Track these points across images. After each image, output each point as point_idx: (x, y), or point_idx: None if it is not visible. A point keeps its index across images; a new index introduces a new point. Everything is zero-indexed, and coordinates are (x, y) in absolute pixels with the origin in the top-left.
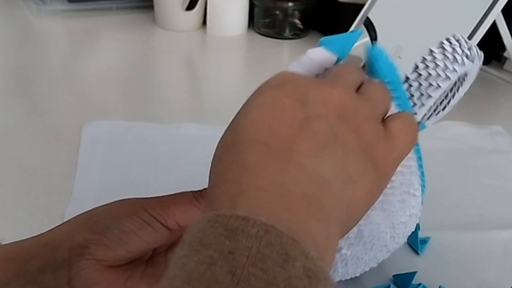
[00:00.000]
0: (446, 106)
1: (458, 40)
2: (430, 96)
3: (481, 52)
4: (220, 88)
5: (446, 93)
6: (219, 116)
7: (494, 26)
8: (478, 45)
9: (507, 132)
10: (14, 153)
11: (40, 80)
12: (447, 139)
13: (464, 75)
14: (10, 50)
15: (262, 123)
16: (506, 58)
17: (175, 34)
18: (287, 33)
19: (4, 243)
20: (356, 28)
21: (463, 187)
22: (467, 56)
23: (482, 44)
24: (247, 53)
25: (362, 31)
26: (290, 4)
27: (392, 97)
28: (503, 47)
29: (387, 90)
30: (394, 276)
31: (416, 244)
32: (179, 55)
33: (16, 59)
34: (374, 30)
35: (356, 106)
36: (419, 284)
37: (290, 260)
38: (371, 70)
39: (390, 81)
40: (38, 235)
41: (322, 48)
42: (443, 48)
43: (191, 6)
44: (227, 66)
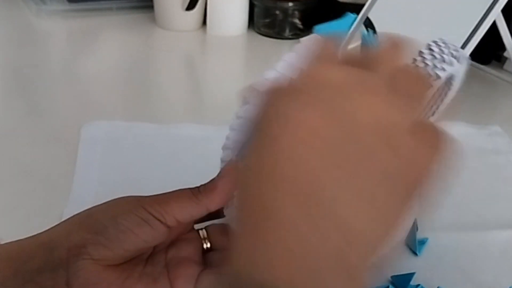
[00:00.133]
0: (435, 112)
1: (444, 43)
2: None
3: (467, 56)
4: (220, 88)
5: (434, 98)
6: (219, 116)
7: (494, 26)
8: (478, 45)
9: (506, 133)
10: (13, 152)
11: (39, 80)
12: None
13: (451, 78)
14: (10, 50)
15: (291, 158)
16: (506, 58)
17: (175, 34)
18: (287, 33)
19: (2, 243)
20: (356, 28)
21: (461, 187)
22: (454, 56)
23: (482, 44)
24: (247, 53)
25: (355, 16)
26: (290, 4)
27: None
28: (503, 47)
29: (427, 82)
30: (392, 277)
31: (414, 245)
32: (179, 55)
33: (16, 59)
34: (374, 30)
35: (394, 118)
36: (418, 285)
37: None
38: None
39: None
40: (36, 235)
41: (316, 35)
42: (431, 49)
43: (191, 6)
44: (227, 66)
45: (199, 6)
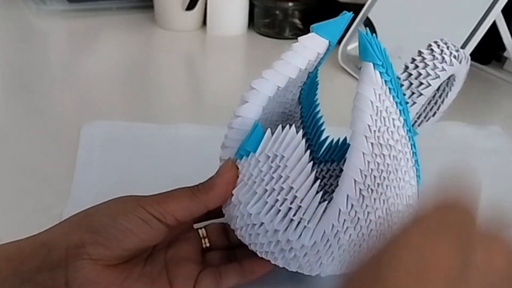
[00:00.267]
0: (436, 112)
1: (445, 43)
2: (421, 94)
3: (468, 56)
4: (220, 88)
5: (435, 98)
6: (219, 116)
7: (494, 26)
8: (478, 45)
9: (506, 133)
10: (13, 152)
11: (39, 80)
12: (446, 139)
13: (453, 79)
14: (10, 50)
15: (409, 268)
16: (506, 58)
17: (175, 34)
18: (287, 33)
19: (1, 243)
20: (357, 28)
21: None
22: (455, 57)
23: (482, 44)
24: (247, 53)
25: (351, 14)
26: (290, 4)
27: (385, 80)
28: (503, 47)
29: None
30: None
31: None
32: (179, 55)
33: (16, 59)
34: (374, 30)
35: None
36: None
37: None
38: (363, 54)
39: (382, 63)
40: (35, 235)
41: (313, 34)
42: (432, 49)
43: (191, 6)
44: (227, 66)
45: (199, 6)
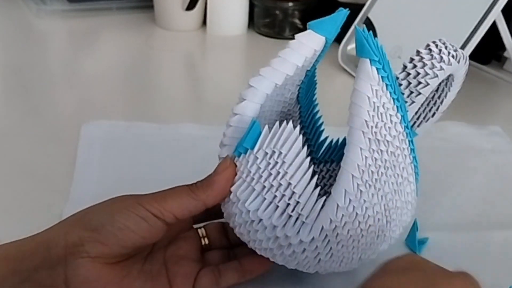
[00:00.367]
0: (435, 113)
1: (443, 43)
2: (419, 93)
3: (467, 56)
4: (220, 88)
5: (434, 98)
6: (219, 116)
7: (494, 26)
8: (478, 45)
9: (506, 133)
10: (13, 152)
11: (39, 80)
12: (446, 139)
13: (452, 79)
14: (10, 50)
15: None
16: (506, 58)
17: (175, 34)
18: (287, 33)
19: (0, 243)
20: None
21: (461, 187)
22: (453, 56)
23: (482, 44)
24: (247, 53)
25: (347, 11)
26: (290, 4)
27: (381, 76)
28: (503, 47)
29: None
30: None
31: (414, 245)
32: (179, 55)
33: (16, 59)
34: (374, 30)
35: None
36: None
37: None
38: (360, 50)
39: (379, 59)
40: (34, 235)
41: (310, 31)
42: (430, 49)
43: (191, 6)
44: (227, 66)
45: (199, 6)
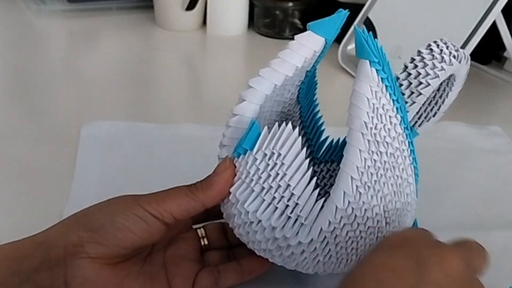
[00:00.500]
0: (436, 113)
1: (445, 43)
2: (420, 94)
3: (468, 56)
4: (220, 88)
5: (436, 98)
6: (219, 116)
7: (494, 26)
8: (478, 45)
9: (506, 133)
10: (13, 152)
11: (39, 80)
12: (446, 140)
13: (453, 79)
14: (10, 50)
15: (371, 283)
16: (506, 58)
17: (175, 34)
18: (287, 33)
19: (0, 243)
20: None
21: (461, 187)
22: (454, 56)
23: (482, 44)
24: (247, 53)
25: (347, 12)
26: (290, 4)
27: (381, 78)
28: (503, 47)
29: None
30: None
31: None
32: (179, 55)
33: (16, 59)
34: (374, 30)
35: (473, 280)
36: None
37: None
38: (360, 51)
39: (379, 61)
40: (33, 235)
41: (310, 32)
42: (431, 49)
43: (191, 6)
44: (227, 66)
45: (199, 6)
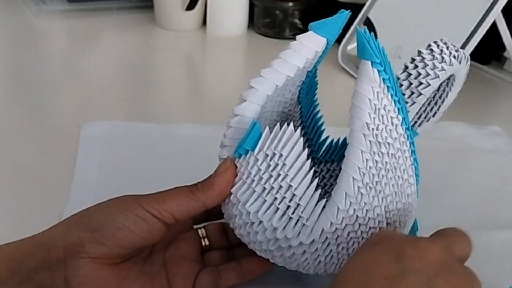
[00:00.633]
0: (436, 113)
1: (445, 43)
2: (420, 94)
3: (468, 56)
4: (220, 88)
5: (435, 98)
6: (218, 116)
7: (494, 26)
8: (478, 45)
9: (506, 133)
10: (13, 152)
11: (39, 80)
12: (446, 140)
13: (453, 79)
14: (10, 50)
15: (357, 279)
16: (506, 58)
17: (175, 34)
18: (287, 33)
19: (0, 243)
20: (357, 26)
21: (461, 187)
22: (454, 57)
23: (482, 44)
24: (247, 53)
25: (348, 12)
26: (290, 4)
27: (383, 78)
28: (503, 47)
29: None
30: None
31: None
32: (179, 55)
33: (16, 59)
34: (374, 30)
35: (454, 264)
36: None
37: None
38: (361, 52)
39: (380, 61)
40: (33, 235)
41: (311, 32)
42: (431, 49)
43: (191, 6)
44: (227, 66)
45: (199, 6)
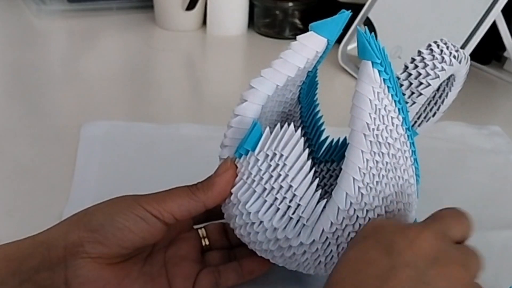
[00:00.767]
0: (436, 113)
1: (445, 43)
2: (421, 94)
3: (468, 56)
4: (220, 88)
5: (435, 98)
6: (218, 116)
7: (494, 26)
8: (478, 45)
9: (506, 133)
10: (13, 152)
11: (39, 80)
12: (446, 140)
13: (453, 79)
14: (10, 50)
15: (349, 280)
16: (506, 58)
17: (175, 34)
18: (287, 33)
19: (0, 243)
20: (356, 27)
21: (461, 187)
22: (454, 57)
23: (482, 44)
24: (247, 53)
25: (349, 13)
26: (290, 4)
27: (383, 79)
28: (503, 47)
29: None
30: None
31: None
32: (179, 55)
33: (16, 59)
34: (374, 30)
35: (447, 250)
36: None
37: None
38: (362, 52)
39: (381, 62)
40: (34, 235)
41: (312, 32)
42: (431, 49)
43: (191, 6)
44: (227, 66)
45: (199, 6)
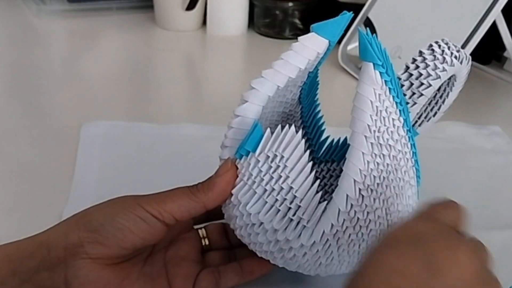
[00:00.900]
0: (436, 112)
1: (446, 43)
2: (422, 94)
3: (469, 57)
4: (220, 88)
5: (436, 98)
6: (218, 116)
7: (494, 26)
8: (478, 45)
9: (506, 133)
10: (13, 152)
11: (39, 80)
12: (446, 140)
13: (454, 79)
14: (10, 50)
15: None
16: (506, 58)
17: (175, 34)
18: (287, 33)
19: (0, 243)
20: (357, 28)
21: (461, 187)
22: (456, 57)
23: (482, 44)
24: (247, 53)
25: (351, 14)
26: (290, 4)
27: (385, 80)
28: (503, 47)
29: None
30: None
31: None
32: (179, 55)
33: (16, 59)
34: (374, 30)
35: (487, 276)
36: None
37: None
38: (363, 54)
39: (382, 63)
40: (34, 235)
41: (313, 33)
42: (433, 50)
43: (191, 6)
44: (227, 66)
45: (199, 6)
